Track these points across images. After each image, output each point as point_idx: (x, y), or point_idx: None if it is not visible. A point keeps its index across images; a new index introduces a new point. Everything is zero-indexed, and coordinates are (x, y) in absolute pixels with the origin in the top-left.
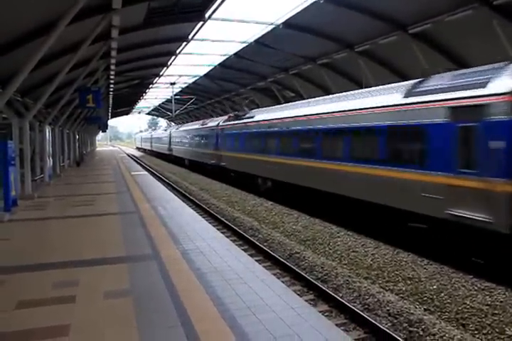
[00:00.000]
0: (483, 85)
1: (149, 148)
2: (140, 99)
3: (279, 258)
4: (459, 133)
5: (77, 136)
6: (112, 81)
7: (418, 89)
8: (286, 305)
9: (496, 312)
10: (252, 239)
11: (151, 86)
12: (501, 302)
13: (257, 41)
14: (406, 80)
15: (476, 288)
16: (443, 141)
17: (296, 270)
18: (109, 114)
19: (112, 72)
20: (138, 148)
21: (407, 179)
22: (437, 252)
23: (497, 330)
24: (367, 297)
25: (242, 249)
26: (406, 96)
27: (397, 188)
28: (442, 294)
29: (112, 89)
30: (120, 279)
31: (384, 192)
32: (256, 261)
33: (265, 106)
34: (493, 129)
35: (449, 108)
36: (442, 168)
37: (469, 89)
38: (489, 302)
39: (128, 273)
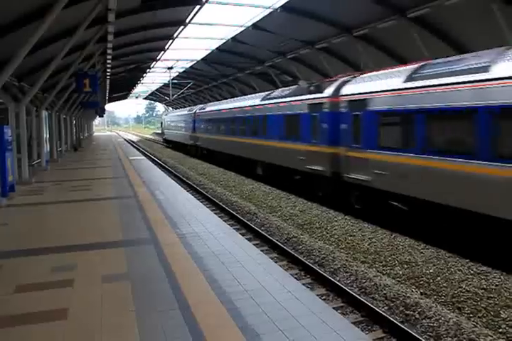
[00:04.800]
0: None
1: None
2: (137, 84)
3: (276, 242)
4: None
5: (74, 121)
6: (108, 65)
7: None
8: (284, 289)
9: (491, 295)
10: (249, 223)
11: (148, 70)
12: (496, 285)
13: (254, 25)
14: (404, 64)
15: (472, 271)
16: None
17: (294, 254)
18: (107, 99)
19: (109, 57)
20: (167, 142)
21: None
22: (434, 236)
23: (492, 313)
24: (364, 281)
25: (240, 233)
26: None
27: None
28: (438, 278)
29: (108, 74)
30: (118, 263)
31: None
32: (253, 245)
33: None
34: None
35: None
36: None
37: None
38: (485, 286)
39: (126, 257)
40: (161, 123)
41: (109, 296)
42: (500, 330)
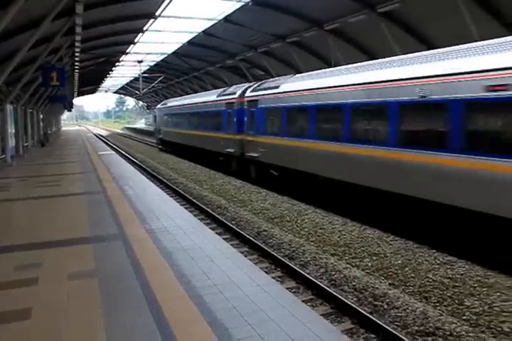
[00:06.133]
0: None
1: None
2: (106, 77)
3: (246, 236)
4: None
5: (41, 115)
6: (77, 58)
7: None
8: (253, 283)
9: (457, 284)
10: (219, 217)
11: (117, 64)
12: (461, 275)
13: (226, 19)
14: (375, 59)
15: (438, 262)
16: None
17: (264, 247)
18: (75, 93)
19: (77, 50)
20: (165, 144)
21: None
22: (403, 228)
23: (457, 302)
24: (333, 273)
25: (210, 228)
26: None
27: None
28: (406, 268)
29: (77, 67)
30: (85, 260)
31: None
32: (224, 239)
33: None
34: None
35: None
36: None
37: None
38: (450, 276)
39: (93, 254)
40: (154, 117)
41: (75, 294)
42: (464, 317)
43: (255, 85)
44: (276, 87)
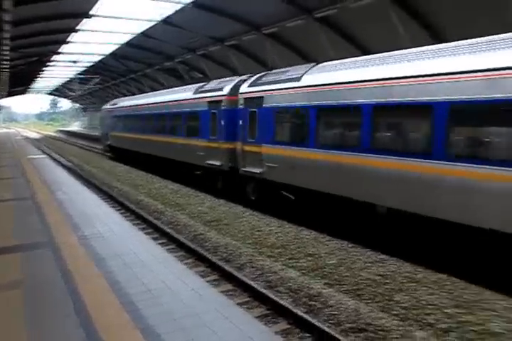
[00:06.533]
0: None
1: None
2: (38, 78)
3: (182, 240)
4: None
5: None
6: (5, 57)
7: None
8: (187, 287)
9: (387, 281)
10: (155, 221)
11: (49, 63)
12: (392, 271)
13: (165, 20)
14: (311, 63)
15: (371, 260)
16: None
17: (200, 251)
18: (2, 94)
19: (6, 48)
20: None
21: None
22: (338, 229)
23: (387, 298)
24: (269, 274)
25: (146, 233)
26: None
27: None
28: (341, 268)
29: (5, 66)
30: (9, 270)
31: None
32: (159, 244)
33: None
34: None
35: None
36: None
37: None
38: (382, 273)
39: (20, 264)
40: (100, 118)
41: None
42: (394, 312)
43: (254, 78)
44: (297, 79)
